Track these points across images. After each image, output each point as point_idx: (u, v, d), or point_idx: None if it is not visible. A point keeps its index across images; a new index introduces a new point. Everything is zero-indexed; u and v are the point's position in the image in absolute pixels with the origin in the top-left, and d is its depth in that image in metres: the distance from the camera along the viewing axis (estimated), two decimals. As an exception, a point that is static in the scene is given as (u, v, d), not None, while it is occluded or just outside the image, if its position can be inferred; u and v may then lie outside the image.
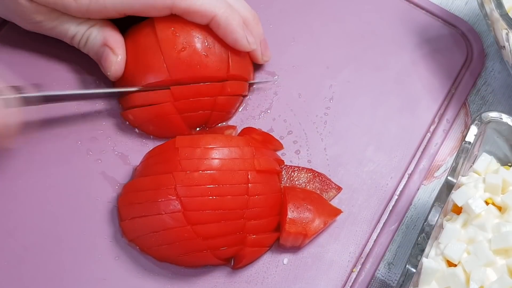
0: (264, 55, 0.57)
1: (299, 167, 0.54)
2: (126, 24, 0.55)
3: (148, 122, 0.54)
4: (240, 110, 0.57)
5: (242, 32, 0.54)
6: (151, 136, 0.56)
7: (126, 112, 0.55)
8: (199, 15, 0.52)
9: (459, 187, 0.47)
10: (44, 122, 0.55)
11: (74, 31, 0.54)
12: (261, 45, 0.57)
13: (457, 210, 0.48)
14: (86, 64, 0.56)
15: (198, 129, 0.56)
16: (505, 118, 0.49)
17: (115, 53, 0.53)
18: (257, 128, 0.56)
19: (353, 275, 0.52)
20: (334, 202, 0.54)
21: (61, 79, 0.57)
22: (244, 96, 0.57)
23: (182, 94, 0.53)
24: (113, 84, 0.56)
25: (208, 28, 0.53)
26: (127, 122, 0.56)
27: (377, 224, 0.54)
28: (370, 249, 0.53)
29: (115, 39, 0.53)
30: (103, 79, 0.56)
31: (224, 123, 0.57)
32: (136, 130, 0.55)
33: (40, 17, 0.53)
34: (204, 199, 0.48)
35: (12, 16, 0.54)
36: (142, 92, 0.53)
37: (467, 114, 0.59)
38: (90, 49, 0.54)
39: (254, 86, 0.58)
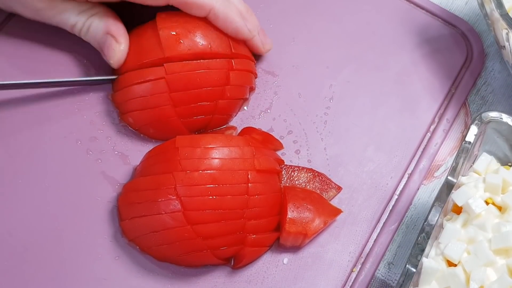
0: (265, 44, 0.57)
1: (299, 167, 0.54)
2: (127, 24, 0.55)
3: (148, 125, 0.54)
4: (240, 110, 0.57)
5: (241, 21, 0.54)
6: (151, 137, 0.56)
7: (126, 115, 0.55)
8: (196, 7, 0.53)
9: (459, 187, 0.47)
10: (44, 122, 0.55)
11: (75, 20, 0.54)
12: (260, 35, 0.57)
13: (457, 210, 0.48)
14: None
15: (197, 133, 0.56)
16: (505, 118, 0.49)
17: (118, 41, 0.53)
18: (257, 128, 0.56)
19: (353, 275, 0.52)
20: (334, 202, 0.54)
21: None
22: (245, 99, 0.57)
23: (182, 100, 0.53)
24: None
25: (212, 33, 0.53)
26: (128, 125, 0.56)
27: (377, 224, 0.54)
28: (370, 249, 0.53)
29: (117, 28, 0.54)
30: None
31: (224, 126, 0.57)
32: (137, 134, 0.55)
33: (40, 5, 0.53)
34: (204, 198, 0.48)
35: (13, 4, 0.54)
36: (141, 97, 0.53)
37: (467, 114, 0.59)
38: (92, 38, 0.54)
39: (255, 91, 0.58)
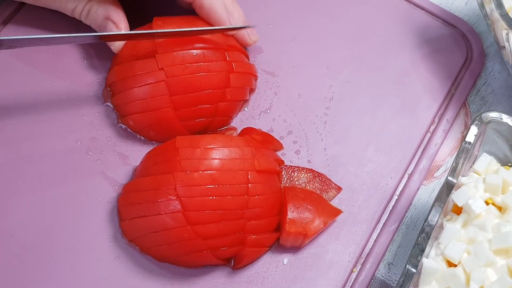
0: (251, 35, 0.57)
1: (299, 167, 0.54)
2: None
3: (149, 128, 0.54)
4: (240, 111, 0.57)
5: (225, 13, 0.54)
6: (151, 137, 0.56)
7: (126, 118, 0.55)
8: None
9: (459, 187, 0.47)
10: (44, 122, 0.55)
11: (74, 4, 0.54)
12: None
13: (457, 210, 0.48)
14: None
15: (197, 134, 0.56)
16: (505, 118, 0.49)
17: (118, 27, 0.53)
18: (257, 128, 0.56)
19: (353, 275, 0.52)
20: (334, 202, 0.54)
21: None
22: (245, 100, 0.57)
23: (182, 103, 0.53)
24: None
25: (207, 39, 0.53)
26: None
27: (377, 224, 0.54)
28: (370, 249, 0.53)
29: (117, 13, 0.54)
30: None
31: (225, 127, 0.57)
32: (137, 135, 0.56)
33: None
34: (204, 199, 0.48)
35: None
36: (141, 100, 0.53)
37: (467, 114, 0.59)
38: (92, 22, 0.55)
39: (255, 92, 0.58)
